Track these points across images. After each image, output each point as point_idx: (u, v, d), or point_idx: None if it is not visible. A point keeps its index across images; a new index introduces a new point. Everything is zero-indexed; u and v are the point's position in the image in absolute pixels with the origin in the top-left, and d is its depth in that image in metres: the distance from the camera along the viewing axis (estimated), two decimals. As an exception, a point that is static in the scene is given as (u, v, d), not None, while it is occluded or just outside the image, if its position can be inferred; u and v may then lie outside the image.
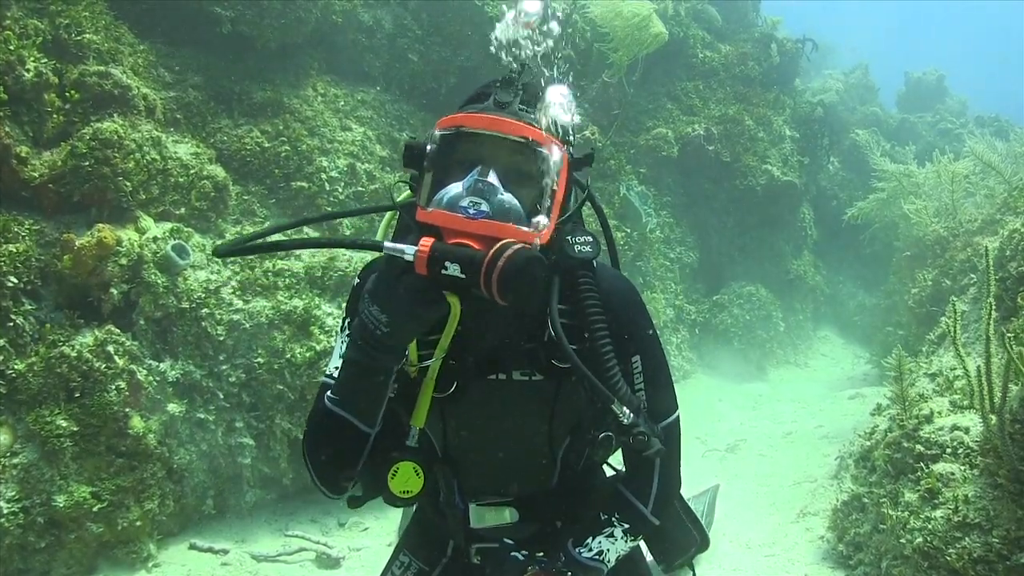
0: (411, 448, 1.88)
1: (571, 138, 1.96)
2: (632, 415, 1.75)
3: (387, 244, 1.67)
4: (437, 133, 1.83)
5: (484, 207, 1.71)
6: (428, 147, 1.83)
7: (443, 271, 1.63)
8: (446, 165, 1.82)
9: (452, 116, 1.83)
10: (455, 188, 1.75)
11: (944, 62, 22.49)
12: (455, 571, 2.15)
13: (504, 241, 1.66)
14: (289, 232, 2.06)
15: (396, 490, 1.86)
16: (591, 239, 1.86)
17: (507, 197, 1.75)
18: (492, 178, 1.74)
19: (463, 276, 1.62)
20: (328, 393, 1.84)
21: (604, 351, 1.78)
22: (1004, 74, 48.38)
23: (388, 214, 2.20)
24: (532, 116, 1.85)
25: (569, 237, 1.84)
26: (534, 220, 1.78)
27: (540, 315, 1.85)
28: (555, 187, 1.83)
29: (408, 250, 1.64)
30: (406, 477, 1.86)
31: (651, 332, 2.04)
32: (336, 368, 1.91)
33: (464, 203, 1.71)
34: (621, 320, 1.91)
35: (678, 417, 2.06)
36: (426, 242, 1.64)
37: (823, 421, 9.08)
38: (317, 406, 1.88)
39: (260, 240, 1.89)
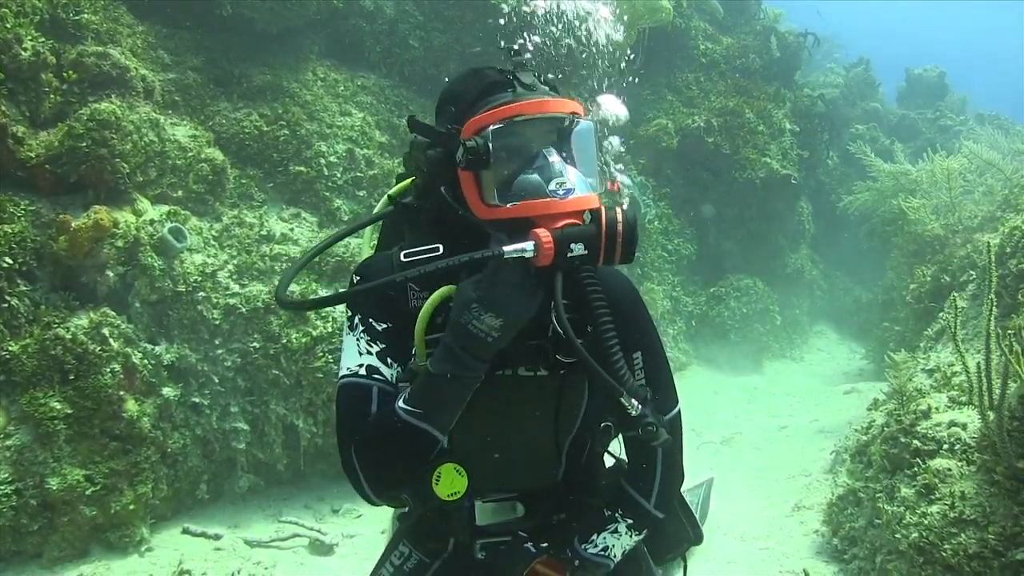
0: (446, 449, 1.85)
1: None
2: (640, 406, 1.74)
3: (506, 248, 1.67)
4: (490, 129, 1.79)
5: (568, 185, 1.74)
6: (489, 146, 1.80)
7: (569, 254, 1.68)
8: (501, 158, 1.80)
9: (497, 109, 1.80)
10: (530, 176, 1.76)
11: (945, 60, 22.41)
12: (456, 563, 2.13)
13: (604, 208, 1.74)
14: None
15: (444, 494, 1.82)
16: None
17: (576, 171, 1.80)
18: (555, 157, 1.77)
19: (586, 252, 1.69)
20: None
21: (610, 344, 1.75)
22: (1005, 73, 48.34)
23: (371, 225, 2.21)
24: (558, 91, 1.88)
25: None
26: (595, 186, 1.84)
27: (544, 310, 1.83)
28: (597, 154, 1.89)
29: (528, 246, 1.66)
30: (450, 479, 1.82)
31: (651, 328, 2.06)
32: (359, 366, 1.85)
33: (551, 187, 1.74)
34: (623, 316, 1.89)
35: (679, 411, 2.08)
36: (544, 233, 1.66)
37: (818, 415, 9.09)
38: (377, 417, 1.80)
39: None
